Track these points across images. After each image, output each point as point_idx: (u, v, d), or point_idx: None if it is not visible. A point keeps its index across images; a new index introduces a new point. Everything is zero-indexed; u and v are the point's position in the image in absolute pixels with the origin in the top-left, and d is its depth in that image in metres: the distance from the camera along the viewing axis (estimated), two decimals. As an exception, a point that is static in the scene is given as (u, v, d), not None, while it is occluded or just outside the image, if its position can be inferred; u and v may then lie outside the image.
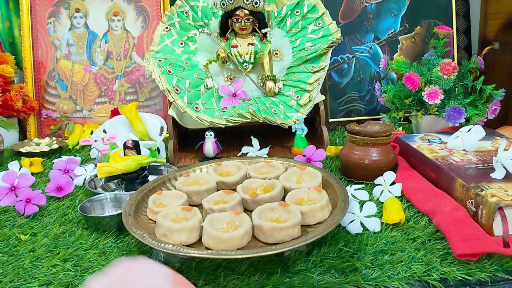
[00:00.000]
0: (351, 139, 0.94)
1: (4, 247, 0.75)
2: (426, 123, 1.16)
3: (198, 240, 0.67)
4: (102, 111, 1.43)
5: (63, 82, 1.43)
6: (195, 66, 1.16)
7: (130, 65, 1.44)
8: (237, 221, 0.67)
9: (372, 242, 0.72)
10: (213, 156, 1.09)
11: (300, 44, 1.18)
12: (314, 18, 1.20)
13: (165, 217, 0.69)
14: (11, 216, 0.87)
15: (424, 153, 0.93)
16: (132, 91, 1.44)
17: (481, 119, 1.09)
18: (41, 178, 1.07)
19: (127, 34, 1.44)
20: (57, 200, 0.93)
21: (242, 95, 1.08)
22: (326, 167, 1.04)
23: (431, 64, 1.13)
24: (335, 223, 0.66)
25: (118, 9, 1.44)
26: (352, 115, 1.39)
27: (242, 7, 1.08)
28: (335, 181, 0.79)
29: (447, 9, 1.38)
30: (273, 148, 1.13)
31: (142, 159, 0.93)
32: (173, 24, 1.21)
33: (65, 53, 1.43)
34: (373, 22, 1.39)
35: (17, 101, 1.32)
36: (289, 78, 1.14)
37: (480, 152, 0.91)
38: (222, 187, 0.83)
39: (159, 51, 1.18)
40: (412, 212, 0.80)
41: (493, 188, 0.74)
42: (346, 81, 1.40)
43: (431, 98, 1.07)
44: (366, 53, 1.39)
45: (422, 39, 1.39)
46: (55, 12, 1.43)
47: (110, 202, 0.87)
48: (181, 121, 1.12)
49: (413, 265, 0.66)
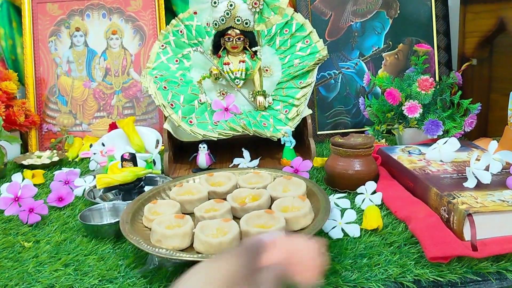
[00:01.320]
0: (335, 151, 0.97)
1: (9, 253, 0.78)
2: (408, 136, 1.19)
3: (190, 246, 0.70)
4: (101, 125, 1.44)
5: (64, 97, 1.45)
6: (189, 82, 1.19)
7: (128, 81, 1.45)
8: (226, 228, 0.70)
9: (352, 247, 0.74)
10: (206, 167, 1.11)
11: (289, 61, 1.22)
12: (302, 36, 1.24)
13: (160, 224, 0.72)
14: (15, 224, 0.89)
15: (403, 163, 0.96)
16: (129, 106, 1.45)
17: (459, 132, 1.12)
18: (43, 189, 1.08)
19: (124, 51, 1.46)
20: (58, 210, 0.95)
21: (233, 110, 1.11)
22: (313, 177, 1.07)
23: (411, 80, 1.17)
24: (316, 228, 0.70)
25: (116, 28, 1.45)
26: (339, 127, 1.41)
27: (234, 27, 1.11)
28: (319, 190, 0.83)
29: (428, 27, 1.41)
30: (263, 160, 1.16)
31: (139, 170, 0.95)
32: (168, 42, 1.25)
33: (66, 70, 1.45)
34: (358, 39, 1.42)
35: (19, 116, 1.33)
36: (278, 93, 1.17)
37: (456, 163, 0.94)
38: (213, 196, 0.86)
39: (155, 68, 1.21)
40: (390, 219, 0.83)
41: (464, 196, 0.77)
42: (333, 96, 1.42)
43: (411, 112, 1.11)
44: (352, 69, 1.42)
45: (405, 55, 1.42)
46: (56, 31, 1.45)
47: (108, 211, 0.88)
48: (176, 134, 1.14)
49: (389, 267, 0.68)
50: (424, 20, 1.41)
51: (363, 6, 1.41)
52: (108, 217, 0.88)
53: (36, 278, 0.70)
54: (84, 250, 0.77)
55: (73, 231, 0.86)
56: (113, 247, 0.78)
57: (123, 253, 0.76)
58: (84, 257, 0.75)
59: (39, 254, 0.77)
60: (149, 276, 0.69)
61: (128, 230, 0.72)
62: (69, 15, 1.45)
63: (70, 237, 0.83)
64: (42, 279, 0.69)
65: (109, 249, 0.78)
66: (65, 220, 0.90)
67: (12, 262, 0.75)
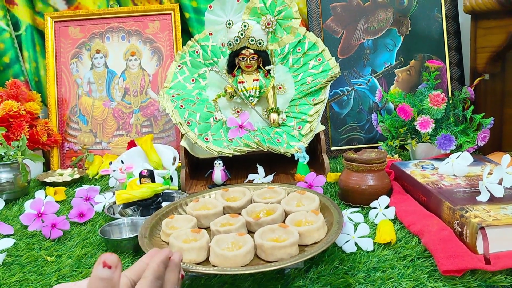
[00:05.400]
0: (348, 166, 0.98)
1: (33, 267, 0.80)
2: (422, 150, 1.19)
3: (206, 259, 0.71)
4: (120, 143, 1.47)
5: (84, 117, 1.48)
6: (205, 100, 1.21)
7: (146, 100, 1.49)
8: (241, 241, 0.71)
9: (365, 260, 0.74)
10: (222, 183, 1.12)
11: (302, 78, 1.24)
12: (314, 54, 1.27)
13: (177, 238, 0.73)
14: (38, 240, 0.92)
15: (416, 178, 0.96)
16: (147, 124, 1.48)
17: (472, 146, 1.12)
18: (64, 206, 1.10)
19: (143, 72, 1.49)
20: (79, 225, 0.97)
21: (248, 127, 1.13)
22: (326, 192, 1.07)
23: (423, 96, 1.17)
24: (329, 242, 0.70)
25: (135, 50, 1.49)
26: (352, 143, 1.42)
27: (248, 46, 1.14)
28: (332, 205, 0.83)
29: (439, 43, 1.41)
30: (278, 175, 1.17)
31: (157, 186, 0.96)
32: (185, 62, 1.28)
33: (86, 90, 1.49)
34: (370, 57, 1.43)
35: (42, 135, 1.36)
36: (291, 110, 1.19)
37: (469, 177, 0.94)
38: (228, 211, 0.87)
39: (172, 87, 1.24)
40: (404, 233, 0.83)
41: (477, 210, 0.77)
42: (346, 112, 1.43)
43: (423, 127, 1.12)
44: (364, 86, 1.43)
45: (417, 71, 1.42)
46: (77, 53, 1.49)
47: (127, 226, 0.90)
48: (192, 151, 1.16)
49: (402, 281, 0.68)
50: (435, 36, 1.42)
51: (374, 24, 1.43)
52: (127, 232, 0.90)
53: (59, 291, 0.71)
54: (104, 264, 0.79)
55: (93, 246, 0.87)
56: (132, 261, 0.80)
57: (142, 266, 0.78)
58: (104, 270, 0.77)
59: (61, 268, 0.79)
60: (167, 288, 0.70)
61: (146, 244, 0.73)
62: (90, 38, 1.50)
63: (91, 252, 0.85)
64: (64, 292, 0.71)
65: (128, 262, 0.79)
66: (86, 235, 0.92)
67: (36, 276, 0.77)
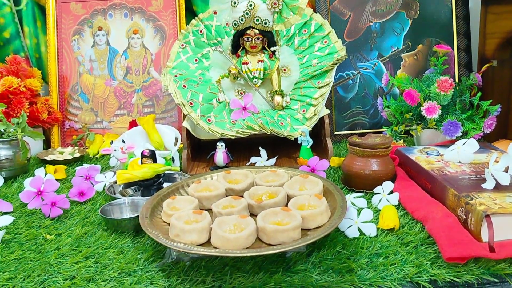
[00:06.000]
0: (352, 151, 0.97)
1: (32, 245, 0.80)
2: (426, 137, 1.18)
3: (208, 241, 0.71)
4: (121, 123, 1.46)
5: (85, 95, 1.47)
6: (208, 81, 1.20)
7: (148, 80, 1.47)
8: (243, 224, 0.71)
9: (368, 246, 0.74)
10: (224, 165, 1.11)
11: (307, 61, 1.22)
12: (320, 36, 1.25)
13: (178, 219, 0.73)
14: (38, 218, 0.91)
15: (421, 164, 0.95)
16: (149, 104, 1.47)
17: (478, 133, 1.11)
18: (64, 184, 1.10)
19: (145, 51, 1.47)
20: (79, 204, 0.97)
21: (251, 109, 1.12)
22: (329, 177, 1.07)
23: (430, 81, 1.16)
24: (332, 226, 0.70)
25: (137, 28, 1.47)
26: (357, 128, 1.41)
27: (253, 26, 1.12)
28: (335, 189, 0.82)
29: (448, 28, 1.39)
30: (280, 159, 1.16)
31: (158, 167, 0.95)
32: (188, 42, 1.26)
33: (88, 68, 1.47)
34: (377, 40, 1.41)
35: (42, 113, 1.35)
36: (296, 93, 1.17)
37: (475, 164, 0.93)
38: (230, 194, 0.86)
39: (175, 67, 1.23)
40: (407, 219, 0.83)
41: (483, 197, 0.77)
42: (351, 96, 1.42)
43: (430, 113, 1.10)
44: (370, 70, 1.41)
45: (424, 56, 1.41)
46: (79, 30, 1.47)
47: (128, 206, 0.90)
48: (195, 132, 1.16)
49: (405, 267, 0.68)
50: (444, 21, 1.40)
51: (382, 7, 1.41)
52: (127, 212, 0.89)
53: (58, 269, 0.71)
54: (104, 244, 0.79)
55: (93, 225, 0.87)
56: (132, 241, 0.80)
57: (142, 247, 0.77)
58: (104, 250, 0.77)
59: (61, 247, 0.79)
60: (167, 269, 0.70)
61: (147, 224, 0.73)
62: (92, 15, 1.48)
63: (91, 231, 0.85)
64: (64, 271, 0.71)
65: (129, 243, 0.79)
66: (86, 214, 0.92)
67: (35, 254, 0.77)
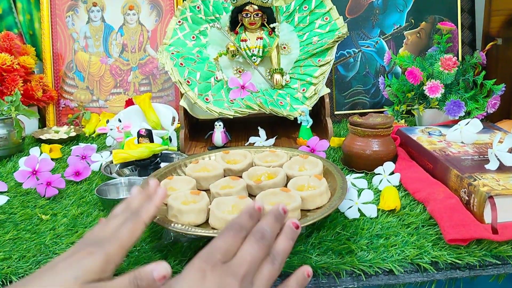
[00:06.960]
0: (353, 131, 0.96)
1: (27, 225, 0.79)
2: (428, 116, 1.17)
3: (206, 222, 0.70)
4: (117, 101, 1.45)
5: (81, 73, 1.45)
6: (206, 59, 1.18)
7: (144, 57, 1.45)
8: (241, 205, 0.70)
9: (368, 227, 0.73)
10: (222, 145, 1.11)
11: (308, 38, 1.20)
12: (321, 13, 1.22)
13: (176, 200, 0.71)
14: (33, 197, 0.90)
15: (423, 144, 0.94)
16: (145, 83, 1.45)
17: (481, 113, 1.10)
18: (60, 164, 1.09)
19: (141, 27, 1.45)
20: (75, 184, 0.96)
21: (250, 88, 1.10)
22: (329, 157, 1.06)
23: (433, 59, 1.14)
24: (332, 207, 0.68)
25: (133, 4, 1.44)
26: (357, 107, 1.39)
27: (252, 2, 1.10)
28: (335, 170, 0.81)
29: (452, 5, 1.37)
30: (279, 139, 1.15)
31: (155, 146, 0.95)
32: (185, 18, 1.23)
33: (83, 45, 1.45)
34: (379, 17, 1.39)
35: (37, 91, 1.33)
36: (296, 72, 1.15)
37: (478, 145, 0.92)
38: (229, 174, 0.85)
39: (171, 44, 1.20)
40: (408, 200, 0.82)
41: (486, 178, 0.76)
42: (352, 75, 1.40)
43: (432, 92, 1.09)
44: (372, 48, 1.39)
45: (427, 34, 1.38)
46: (73, 6, 1.44)
47: (125, 186, 0.89)
48: (192, 111, 1.14)
49: (406, 248, 0.67)
50: (448, -3, 1.37)
51: (385, -17, 1.38)
52: (124, 192, 0.89)
53: (53, 250, 0.71)
54: (100, 224, 0.78)
55: (89, 205, 0.86)
56: (128, 221, 0.79)
57: (139, 227, 0.77)
58: (100, 230, 0.76)
59: (56, 227, 0.78)
60: (165, 250, 0.69)
61: (143, 205, 0.72)
62: (86, -10, 1.45)
63: (87, 211, 0.84)
64: (59, 251, 0.70)
65: (125, 223, 0.78)
66: (82, 194, 0.91)
67: (30, 234, 0.76)
